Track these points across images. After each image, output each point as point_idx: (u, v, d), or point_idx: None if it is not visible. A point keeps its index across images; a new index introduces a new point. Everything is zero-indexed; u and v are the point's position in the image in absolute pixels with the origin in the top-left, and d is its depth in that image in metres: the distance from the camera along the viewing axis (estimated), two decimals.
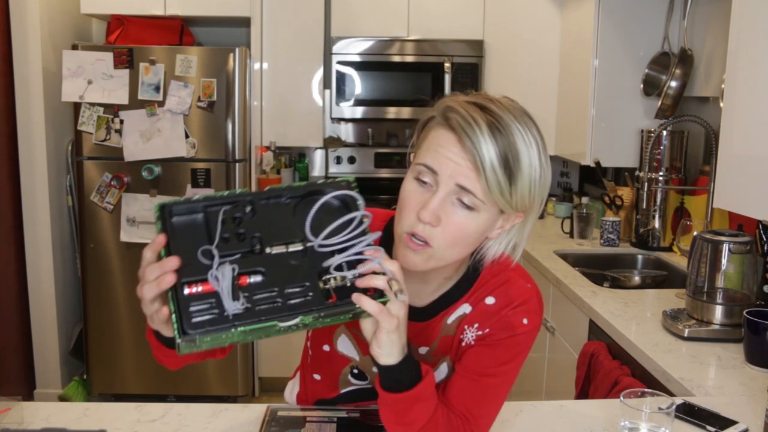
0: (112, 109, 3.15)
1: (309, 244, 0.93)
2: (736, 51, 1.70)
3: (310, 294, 0.90)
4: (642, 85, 2.83)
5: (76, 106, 3.17)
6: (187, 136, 3.16)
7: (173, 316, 0.86)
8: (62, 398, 3.30)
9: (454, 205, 0.99)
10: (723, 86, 1.97)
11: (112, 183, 3.19)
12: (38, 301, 3.30)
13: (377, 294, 0.93)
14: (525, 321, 1.12)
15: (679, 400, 1.38)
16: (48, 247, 3.27)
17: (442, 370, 1.20)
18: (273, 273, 0.91)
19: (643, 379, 1.70)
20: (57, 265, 3.32)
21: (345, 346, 1.22)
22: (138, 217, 3.22)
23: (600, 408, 1.39)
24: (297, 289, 0.90)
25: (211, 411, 1.32)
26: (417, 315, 1.15)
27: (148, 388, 3.35)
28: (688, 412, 1.33)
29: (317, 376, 1.29)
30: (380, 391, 1.01)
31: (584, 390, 1.99)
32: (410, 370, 1.00)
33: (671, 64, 2.71)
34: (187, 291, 0.88)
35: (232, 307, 0.87)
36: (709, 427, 1.28)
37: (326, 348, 1.24)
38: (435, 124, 1.02)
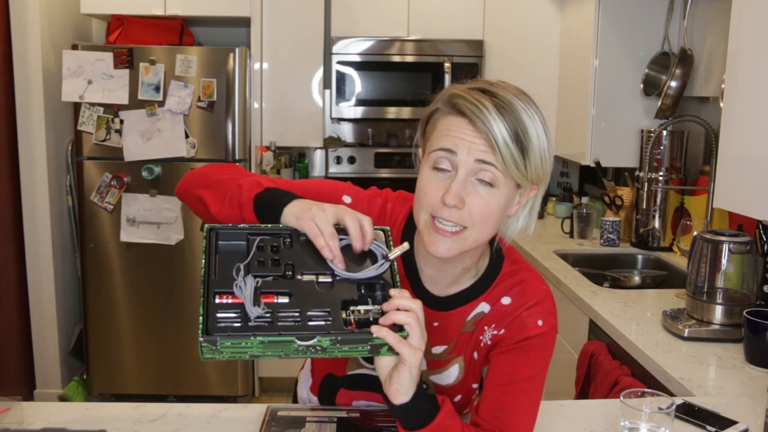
0: (112, 109, 3.15)
1: (338, 278, 0.99)
2: (736, 51, 1.70)
3: (331, 319, 0.95)
4: (642, 85, 2.83)
5: (76, 106, 3.17)
6: (187, 136, 3.16)
7: (200, 318, 0.92)
8: (62, 398, 3.30)
9: (475, 185, 1.01)
10: (723, 86, 1.97)
11: (112, 183, 3.19)
12: (38, 301, 3.30)
13: (396, 328, 0.95)
14: (540, 322, 1.13)
15: (679, 400, 1.38)
16: (48, 247, 3.27)
17: (452, 372, 1.20)
18: (299, 297, 0.96)
19: (643, 379, 1.70)
20: (57, 265, 3.32)
21: None
22: (138, 217, 3.22)
23: (600, 408, 1.39)
24: (319, 313, 0.95)
25: (211, 411, 1.32)
26: (434, 303, 1.15)
27: (148, 388, 3.35)
28: (688, 412, 1.33)
29: None
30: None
31: (584, 390, 1.99)
32: (426, 403, 1.00)
33: (671, 64, 2.72)
34: (217, 300, 0.95)
35: (254, 311, 0.93)
36: (709, 427, 1.28)
37: None
38: (441, 115, 1.04)
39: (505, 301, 1.14)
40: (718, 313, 1.81)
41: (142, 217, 3.22)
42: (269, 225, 1.03)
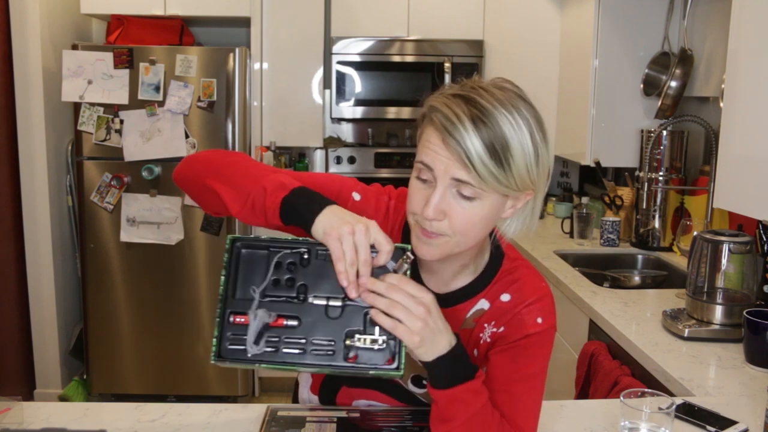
0: (112, 109, 3.15)
1: (348, 303, 1.00)
2: (736, 51, 1.70)
3: (333, 351, 0.99)
4: (642, 85, 2.83)
5: (76, 106, 3.17)
6: (187, 136, 3.16)
7: (214, 340, 0.99)
8: (62, 398, 3.30)
9: (455, 197, 1.00)
10: (723, 86, 1.97)
11: (112, 183, 3.19)
12: (38, 301, 3.30)
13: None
14: (539, 320, 1.13)
15: (679, 400, 1.38)
16: (48, 247, 3.27)
17: None
18: (307, 322, 1.00)
19: (643, 379, 1.70)
20: (57, 265, 3.32)
21: None
22: (138, 217, 3.22)
23: (600, 408, 1.39)
24: (323, 342, 0.99)
25: (211, 411, 1.32)
26: (439, 300, 1.15)
27: (148, 388, 3.35)
28: (688, 412, 1.33)
29: None
30: (432, 391, 1.03)
31: (584, 390, 1.99)
32: (453, 368, 1.02)
33: (671, 64, 2.71)
34: (232, 319, 1.00)
35: (252, 349, 0.99)
36: (709, 427, 1.28)
37: None
38: (426, 122, 1.04)
39: (505, 298, 1.14)
40: (718, 313, 1.81)
41: (142, 217, 3.22)
42: (290, 237, 1.04)
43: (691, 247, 1.92)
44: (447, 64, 3.59)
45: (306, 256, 1.02)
